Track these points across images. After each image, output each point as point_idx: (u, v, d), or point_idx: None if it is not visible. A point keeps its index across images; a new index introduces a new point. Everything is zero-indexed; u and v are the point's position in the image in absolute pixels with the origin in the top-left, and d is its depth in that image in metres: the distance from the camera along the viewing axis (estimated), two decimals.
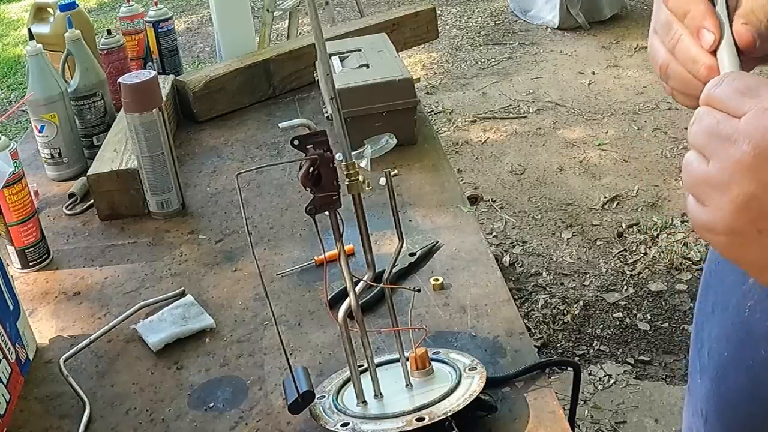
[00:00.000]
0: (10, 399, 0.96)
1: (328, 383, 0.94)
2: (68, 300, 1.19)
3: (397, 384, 0.91)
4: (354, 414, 0.87)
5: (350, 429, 0.84)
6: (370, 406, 0.88)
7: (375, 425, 0.84)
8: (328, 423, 0.86)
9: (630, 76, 4.29)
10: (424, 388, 0.88)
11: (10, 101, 4.96)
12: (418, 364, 0.90)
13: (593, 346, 2.43)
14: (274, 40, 4.47)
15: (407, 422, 0.83)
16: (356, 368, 0.89)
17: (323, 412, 0.88)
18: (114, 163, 1.39)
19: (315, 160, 0.81)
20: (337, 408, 0.88)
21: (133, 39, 1.83)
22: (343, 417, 0.86)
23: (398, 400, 0.88)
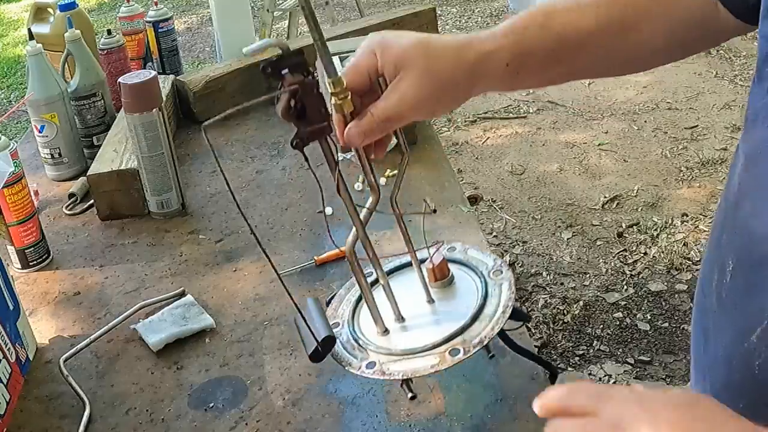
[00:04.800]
0: (10, 399, 0.96)
1: (338, 303, 0.86)
2: (68, 300, 1.19)
3: (418, 301, 0.82)
4: (378, 349, 0.77)
5: (378, 371, 0.75)
6: (394, 336, 0.78)
7: (404, 365, 0.75)
8: (352, 364, 0.77)
9: (630, 76, 4.29)
10: (449, 304, 0.79)
11: (10, 101, 4.96)
12: (437, 275, 0.82)
13: (593, 346, 2.43)
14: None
15: (440, 359, 0.73)
16: (374, 303, 0.79)
17: (342, 348, 0.79)
18: (114, 163, 1.39)
19: (295, 90, 0.69)
20: (356, 340, 0.79)
21: (133, 39, 1.83)
22: (366, 354, 0.77)
23: (423, 324, 0.79)
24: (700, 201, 3.10)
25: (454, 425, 0.88)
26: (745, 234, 0.68)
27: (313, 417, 0.92)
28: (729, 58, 4.44)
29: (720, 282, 0.72)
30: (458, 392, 0.93)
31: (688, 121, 3.76)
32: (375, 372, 0.75)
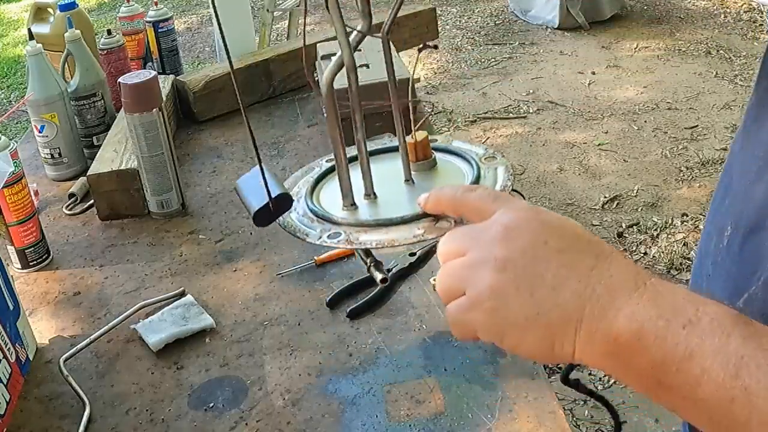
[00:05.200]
0: (10, 399, 0.96)
1: (293, 183, 0.73)
2: (68, 300, 1.19)
3: (394, 181, 0.71)
4: (344, 220, 0.65)
5: (344, 240, 0.64)
6: (364, 210, 0.67)
7: (379, 234, 0.64)
8: (309, 235, 0.65)
9: (630, 76, 4.30)
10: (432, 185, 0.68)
11: (10, 101, 4.96)
12: (418, 153, 0.71)
13: None
14: (274, 40, 4.47)
15: (426, 229, 0.63)
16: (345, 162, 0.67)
17: (298, 221, 0.67)
18: (114, 163, 1.39)
19: None
20: (316, 213, 0.67)
21: (133, 39, 1.83)
22: (328, 225, 0.65)
23: (399, 201, 0.67)
24: (700, 201, 3.10)
25: (454, 425, 0.88)
26: (747, 199, 0.69)
27: (313, 417, 0.92)
28: (729, 58, 4.44)
29: (717, 246, 0.73)
30: (458, 392, 0.93)
31: (688, 121, 3.76)
32: (340, 242, 0.63)
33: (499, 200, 0.60)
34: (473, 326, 0.57)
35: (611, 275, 0.52)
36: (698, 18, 5.10)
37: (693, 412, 0.50)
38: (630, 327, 0.50)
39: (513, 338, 0.55)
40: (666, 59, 4.50)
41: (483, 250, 0.56)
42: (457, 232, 0.60)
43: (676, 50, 4.61)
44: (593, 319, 0.52)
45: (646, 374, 0.50)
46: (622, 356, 0.51)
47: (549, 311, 0.53)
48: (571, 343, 0.53)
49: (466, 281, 0.56)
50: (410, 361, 0.99)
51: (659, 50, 4.63)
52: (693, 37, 4.78)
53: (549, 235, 0.55)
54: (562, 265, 0.53)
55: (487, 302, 0.55)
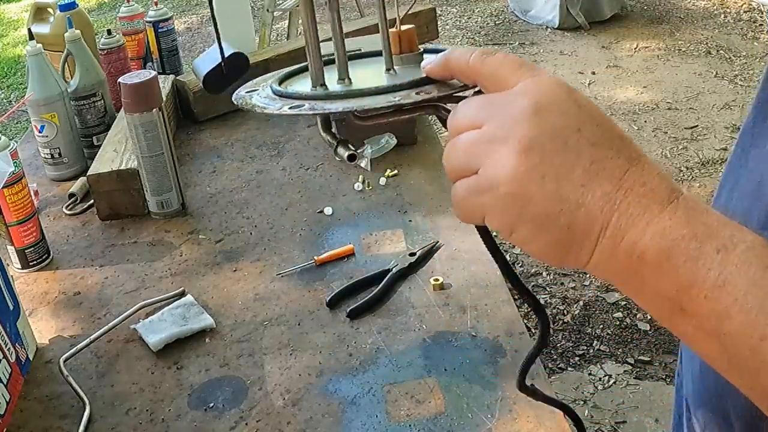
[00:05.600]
0: (10, 399, 0.96)
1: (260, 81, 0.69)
2: (68, 300, 1.19)
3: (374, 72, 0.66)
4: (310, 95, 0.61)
5: (307, 108, 0.58)
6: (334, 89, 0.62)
7: (348, 102, 0.58)
8: (268, 108, 0.60)
9: (630, 76, 4.30)
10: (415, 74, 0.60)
11: (10, 101, 4.96)
12: (402, 45, 0.65)
13: (593, 346, 2.43)
14: (274, 40, 4.47)
15: (404, 95, 0.57)
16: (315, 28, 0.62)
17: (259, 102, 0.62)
18: (114, 163, 1.39)
19: None
20: (280, 93, 0.62)
21: (133, 39, 1.83)
22: (291, 101, 0.60)
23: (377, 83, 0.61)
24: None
25: (454, 425, 0.88)
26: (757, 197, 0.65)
27: (313, 417, 0.92)
28: (729, 58, 4.44)
29: None
30: (458, 392, 0.93)
31: (688, 121, 3.76)
32: (302, 110, 0.58)
33: (524, 68, 0.51)
34: (482, 211, 0.50)
35: (644, 182, 0.47)
36: (698, 18, 5.10)
37: (711, 346, 0.46)
38: (660, 244, 0.45)
39: (526, 233, 0.48)
40: (666, 59, 4.50)
41: (505, 124, 0.48)
42: (473, 101, 0.52)
43: (676, 50, 4.61)
44: (619, 229, 0.46)
45: (668, 298, 0.46)
46: (644, 275, 0.46)
47: (574, 210, 0.47)
48: (590, 250, 0.47)
49: (480, 158, 0.49)
50: (410, 361, 0.99)
51: (659, 50, 4.63)
52: (693, 37, 4.78)
53: (583, 122, 0.48)
54: (595, 161, 0.47)
55: (503, 186, 0.48)
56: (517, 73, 0.51)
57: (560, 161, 0.47)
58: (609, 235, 0.46)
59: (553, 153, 0.47)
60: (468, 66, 0.54)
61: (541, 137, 0.47)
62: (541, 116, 0.48)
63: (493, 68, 0.52)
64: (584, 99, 0.50)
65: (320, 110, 0.58)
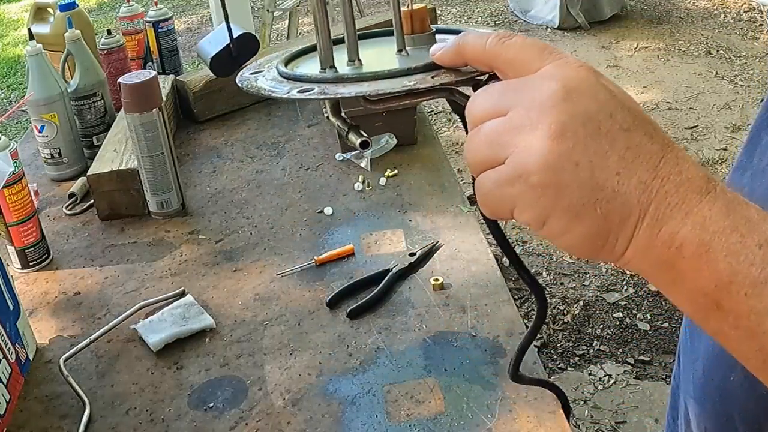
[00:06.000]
0: (10, 399, 0.96)
1: (265, 61, 0.67)
2: (68, 300, 1.19)
3: (385, 53, 0.64)
4: (320, 78, 0.58)
5: (317, 93, 0.56)
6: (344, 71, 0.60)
7: (360, 87, 0.56)
8: (275, 92, 0.58)
9: (630, 76, 4.30)
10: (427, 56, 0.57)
11: (10, 101, 4.96)
12: (414, 24, 0.63)
13: (593, 346, 2.43)
14: (274, 40, 4.47)
15: (418, 80, 0.55)
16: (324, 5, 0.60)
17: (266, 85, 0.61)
18: (114, 163, 1.39)
19: None
20: (287, 76, 0.60)
21: (133, 39, 1.83)
22: (299, 84, 0.58)
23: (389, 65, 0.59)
24: None
25: (454, 425, 0.88)
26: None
27: (313, 417, 0.92)
28: (729, 58, 4.44)
29: None
30: (458, 392, 0.93)
31: (688, 121, 3.76)
32: (312, 94, 0.56)
33: (546, 51, 0.48)
34: (511, 203, 0.47)
35: (680, 171, 0.44)
36: (698, 18, 5.10)
37: (748, 345, 0.44)
38: (699, 236, 0.43)
39: (559, 224, 0.46)
40: (666, 59, 4.50)
41: (533, 110, 0.45)
42: (494, 88, 0.49)
43: (676, 50, 4.61)
44: (657, 219, 0.44)
45: (705, 293, 0.44)
46: (681, 268, 0.44)
47: (610, 199, 0.44)
48: (626, 241, 0.45)
49: (507, 147, 0.46)
50: (410, 361, 0.99)
51: (659, 50, 4.63)
52: (693, 37, 4.78)
53: (615, 106, 0.46)
54: (629, 148, 0.44)
55: (535, 175, 0.45)
56: (540, 57, 0.48)
57: (594, 147, 0.44)
58: (646, 226, 0.44)
59: (586, 139, 0.44)
60: (485, 51, 0.51)
61: (573, 122, 0.44)
62: (572, 101, 0.45)
63: (513, 53, 0.49)
64: (612, 83, 0.48)
65: (331, 95, 0.55)
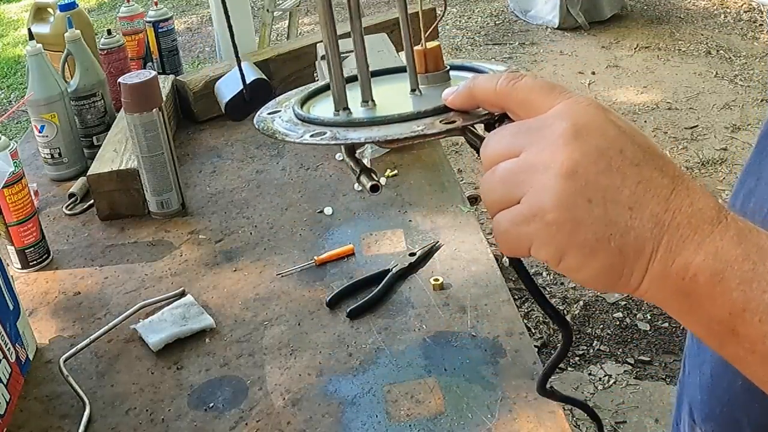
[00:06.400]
0: (10, 399, 0.96)
1: (286, 99, 0.68)
2: (68, 300, 1.19)
3: (398, 92, 0.65)
4: (331, 121, 0.59)
5: (328, 138, 0.57)
6: (357, 114, 0.61)
7: (370, 131, 0.56)
8: (289, 135, 0.59)
9: (630, 76, 4.30)
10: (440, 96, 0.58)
11: (10, 101, 4.96)
12: (428, 63, 0.63)
13: (593, 346, 2.43)
14: (274, 40, 4.47)
15: (428, 125, 0.55)
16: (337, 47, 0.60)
17: (281, 126, 0.61)
18: (114, 163, 1.39)
19: None
20: (302, 117, 0.61)
21: (133, 39, 1.83)
22: (313, 127, 0.59)
23: (402, 107, 0.60)
24: None
25: (454, 425, 0.88)
26: None
27: (313, 417, 0.92)
28: (729, 58, 4.44)
29: None
30: (458, 392, 0.93)
31: (688, 121, 3.76)
32: (323, 139, 0.56)
33: (555, 91, 0.50)
34: (528, 241, 0.48)
35: (691, 202, 0.46)
36: (698, 18, 5.10)
37: (765, 369, 0.45)
38: (712, 266, 0.44)
39: (576, 260, 0.47)
40: (666, 59, 4.50)
41: (544, 150, 0.47)
42: (506, 129, 0.50)
43: (676, 50, 4.61)
44: (670, 251, 0.45)
45: (721, 320, 0.45)
46: (696, 297, 0.45)
47: (624, 233, 0.45)
48: (641, 273, 0.46)
49: (522, 186, 0.47)
50: (410, 361, 0.99)
51: (659, 50, 4.63)
52: (693, 37, 4.78)
53: (624, 142, 0.47)
54: (640, 182, 0.46)
55: (550, 213, 0.46)
56: (549, 96, 0.50)
57: (606, 184, 0.46)
58: (660, 257, 0.46)
59: (597, 176, 0.46)
60: (495, 93, 0.52)
61: (584, 160, 0.46)
62: (582, 139, 0.47)
63: (523, 94, 0.51)
64: (621, 119, 0.49)
65: (342, 140, 0.56)
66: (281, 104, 0.66)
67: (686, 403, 0.78)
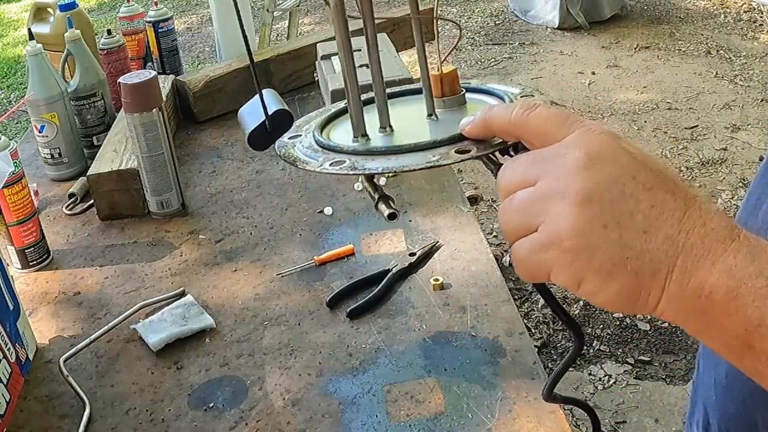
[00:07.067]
0: (10, 399, 0.96)
1: (305, 121, 0.69)
2: (68, 300, 1.19)
3: (415, 116, 0.66)
4: (350, 149, 0.61)
5: (347, 167, 0.58)
6: (375, 141, 0.62)
7: (387, 161, 0.58)
8: (309, 164, 0.60)
9: (630, 76, 4.29)
10: (457, 120, 0.59)
11: (10, 101, 4.96)
12: (444, 88, 0.65)
13: (593, 346, 2.43)
14: (274, 40, 4.47)
15: (442, 155, 0.57)
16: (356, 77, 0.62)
17: (301, 153, 0.63)
18: (114, 163, 1.39)
19: None
20: (322, 144, 0.63)
21: (133, 39, 1.83)
22: (333, 155, 0.61)
23: (418, 133, 0.62)
24: None
25: (454, 425, 0.88)
26: None
27: (313, 417, 0.92)
28: (729, 58, 4.44)
29: None
30: (458, 392, 0.93)
31: (688, 121, 3.76)
32: (343, 168, 0.58)
33: (569, 121, 0.51)
34: (547, 268, 0.50)
35: (704, 223, 0.47)
36: (698, 18, 5.10)
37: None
38: (727, 284, 0.46)
39: (594, 284, 0.48)
40: (666, 59, 4.50)
41: (559, 179, 0.48)
42: (522, 159, 0.52)
43: (676, 50, 4.61)
44: (686, 271, 0.47)
45: (737, 336, 0.46)
46: (712, 315, 0.47)
47: (639, 257, 0.47)
48: (658, 294, 0.47)
49: (539, 215, 0.49)
50: (410, 361, 0.99)
51: (659, 50, 4.63)
52: (693, 37, 4.78)
53: (637, 168, 0.48)
54: (653, 206, 0.47)
55: (567, 240, 0.48)
56: (563, 126, 0.51)
57: (620, 209, 0.47)
58: (676, 278, 0.47)
59: (611, 202, 0.47)
60: (510, 123, 0.54)
61: (598, 187, 0.48)
62: (595, 167, 0.48)
63: (537, 124, 0.52)
64: (632, 145, 0.51)
65: (360, 170, 0.58)
66: (301, 128, 0.68)
67: (701, 403, 0.78)
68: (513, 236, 0.51)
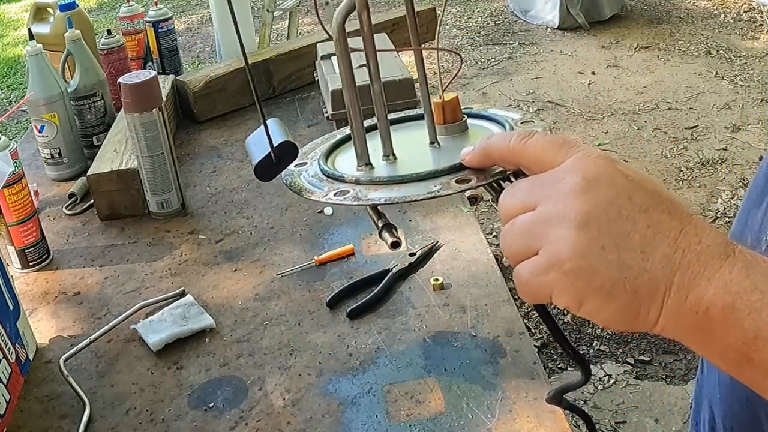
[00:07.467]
0: (10, 399, 0.96)
1: (311, 149, 0.71)
2: (68, 300, 1.19)
3: (418, 143, 0.67)
4: (354, 179, 0.62)
5: (351, 197, 0.60)
6: (379, 170, 0.63)
7: (390, 191, 0.59)
8: (315, 193, 0.62)
9: (630, 76, 4.29)
10: (459, 147, 0.61)
11: (10, 101, 4.96)
12: (446, 115, 0.66)
13: (593, 346, 2.43)
14: (274, 40, 4.47)
15: (443, 185, 0.59)
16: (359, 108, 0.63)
17: (306, 181, 0.64)
18: (114, 163, 1.39)
19: None
20: (326, 173, 0.64)
21: (133, 39, 1.83)
22: (338, 185, 0.62)
23: (421, 162, 0.63)
24: (700, 201, 3.10)
25: (454, 425, 0.88)
26: None
27: (313, 417, 0.92)
28: (729, 58, 4.44)
29: None
30: (458, 392, 0.93)
31: (688, 121, 3.76)
32: (347, 199, 0.60)
33: (566, 147, 0.53)
34: (548, 290, 0.51)
35: (700, 240, 0.48)
36: (698, 18, 5.10)
37: None
38: (723, 299, 0.47)
39: (594, 304, 0.50)
40: (666, 59, 4.50)
41: (558, 203, 0.50)
42: (522, 184, 0.53)
43: (676, 50, 4.61)
44: (683, 288, 0.48)
45: (735, 349, 0.47)
46: (710, 329, 0.48)
47: (637, 276, 0.48)
48: (657, 312, 0.49)
49: (539, 239, 0.51)
50: (410, 361, 0.99)
51: (659, 50, 4.63)
52: (693, 37, 4.78)
53: (633, 190, 0.50)
54: (650, 226, 0.49)
55: (567, 263, 0.49)
56: (561, 152, 0.53)
57: (617, 231, 0.49)
58: (674, 295, 0.48)
59: (609, 224, 0.49)
60: (509, 151, 0.56)
61: (596, 210, 0.49)
62: (592, 190, 0.50)
63: (536, 151, 0.54)
64: (629, 168, 0.52)
65: (363, 201, 0.60)
66: (307, 155, 0.69)
67: (705, 401, 0.79)
68: (515, 259, 0.53)
